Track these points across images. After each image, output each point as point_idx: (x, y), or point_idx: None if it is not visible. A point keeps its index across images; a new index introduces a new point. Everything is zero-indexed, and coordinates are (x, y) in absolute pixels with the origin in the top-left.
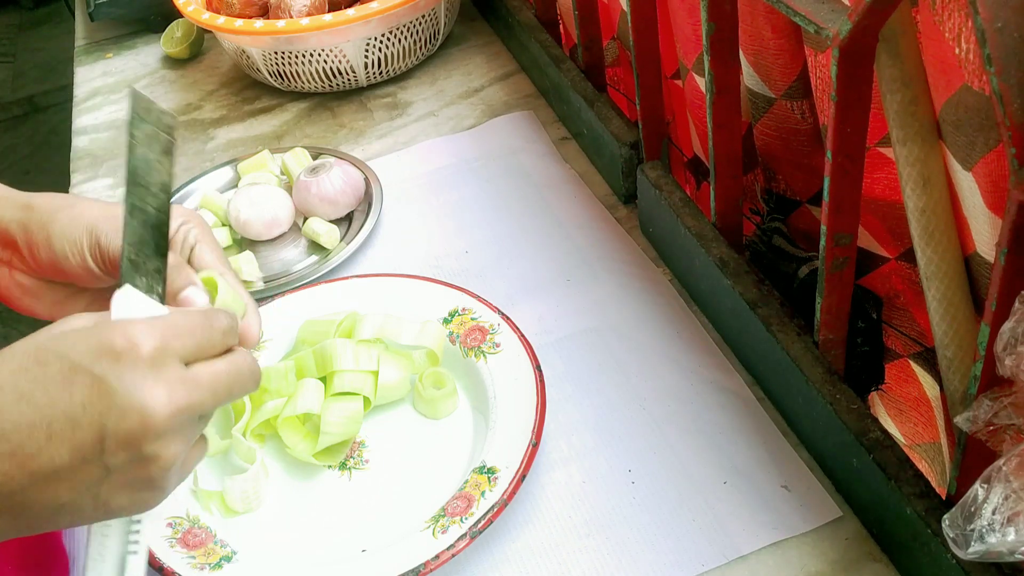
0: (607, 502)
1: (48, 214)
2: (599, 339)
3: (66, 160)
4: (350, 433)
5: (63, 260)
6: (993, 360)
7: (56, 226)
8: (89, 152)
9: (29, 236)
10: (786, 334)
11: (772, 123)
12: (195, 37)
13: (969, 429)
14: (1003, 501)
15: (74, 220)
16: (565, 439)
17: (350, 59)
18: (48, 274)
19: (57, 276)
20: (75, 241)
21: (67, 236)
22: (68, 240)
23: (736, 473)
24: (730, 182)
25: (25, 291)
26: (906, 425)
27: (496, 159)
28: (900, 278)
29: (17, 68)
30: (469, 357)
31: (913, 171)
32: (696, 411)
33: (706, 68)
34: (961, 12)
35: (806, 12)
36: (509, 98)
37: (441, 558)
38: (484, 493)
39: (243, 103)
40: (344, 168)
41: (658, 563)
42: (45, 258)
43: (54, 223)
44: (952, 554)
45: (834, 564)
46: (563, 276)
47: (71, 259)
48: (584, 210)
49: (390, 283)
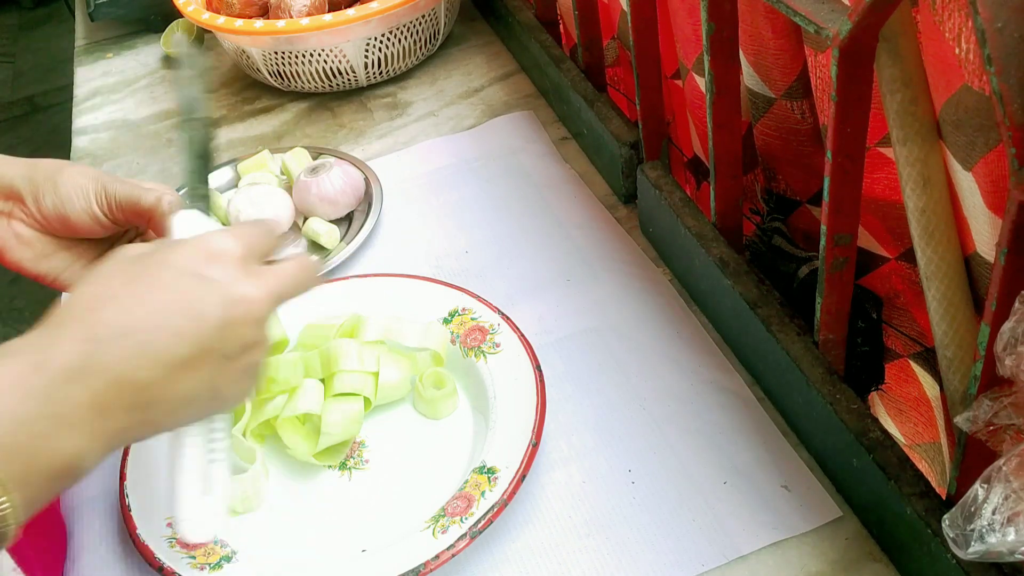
0: (607, 502)
1: (55, 168)
2: (599, 339)
3: (66, 160)
4: (350, 433)
5: (68, 204)
6: (993, 360)
7: (63, 175)
8: (89, 152)
9: (35, 187)
10: (786, 334)
11: (772, 123)
12: (195, 37)
13: (969, 429)
14: (1003, 501)
15: (80, 172)
16: (565, 439)
17: (350, 59)
18: (51, 224)
19: (60, 226)
20: (82, 187)
21: (74, 183)
22: (75, 186)
23: (736, 473)
24: (730, 182)
25: (20, 241)
26: (906, 425)
27: (496, 159)
28: (900, 278)
29: (17, 68)
30: (469, 357)
31: (913, 171)
32: (696, 411)
33: (706, 68)
34: (961, 12)
35: (806, 12)
36: (509, 98)
37: (441, 558)
38: (484, 493)
39: (243, 103)
40: (344, 168)
41: (658, 563)
42: (50, 205)
43: (61, 174)
44: (952, 554)
45: (834, 564)
46: (563, 276)
47: (77, 203)
48: (584, 210)
49: (390, 283)
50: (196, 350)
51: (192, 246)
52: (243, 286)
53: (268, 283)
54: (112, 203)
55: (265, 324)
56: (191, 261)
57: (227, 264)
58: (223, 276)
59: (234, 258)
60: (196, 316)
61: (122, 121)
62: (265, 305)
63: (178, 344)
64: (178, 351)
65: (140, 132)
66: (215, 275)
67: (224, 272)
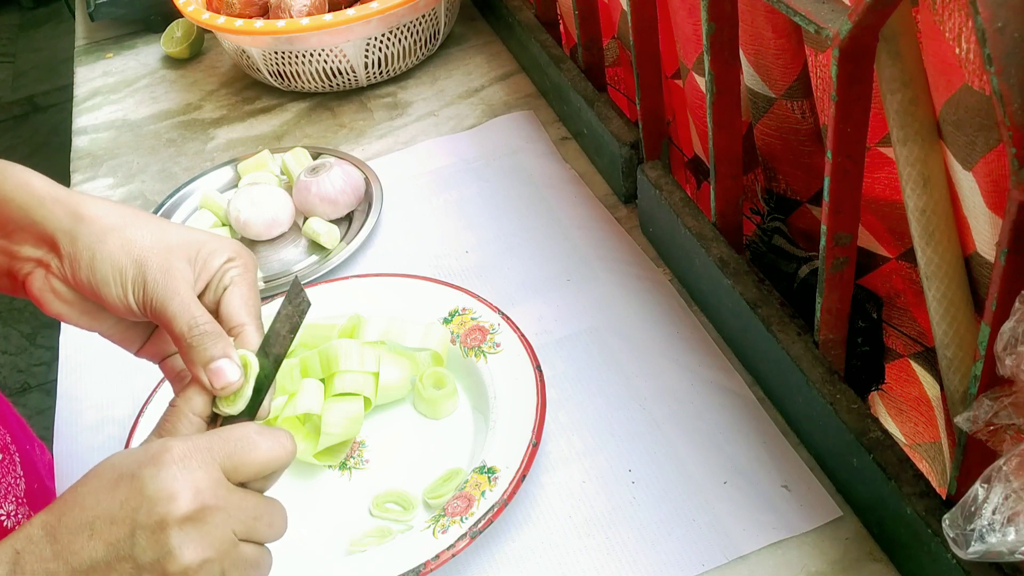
0: (607, 502)
1: (99, 233)
2: (599, 339)
3: (66, 160)
4: (350, 433)
5: (103, 286)
6: (993, 360)
7: (104, 248)
8: (89, 152)
9: (74, 250)
10: (786, 334)
11: (772, 123)
12: (195, 37)
13: (969, 429)
14: (1003, 501)
15: (124, 247)
16: (565, 439)
17: (350, 59)
18: (83, 293)
19: (91, 298)
20: (120, 271)
21: (113, 262)
22: (113, 267)
23: (736, 473)
24: (730, 182)
25: (58, 296)
26: (906, 425)
27: (496, 159)
28: (900, 278)
29: (17, 68)
30: (469, 357)
31: (913, 171)
32: (696, 411)
33: (706, 68)
34: (961, 12)
35: (806, 12)
36: (509, 98)
37: (441, 558)
38: (484, 493)
39: (243, 103)
40: (344, 168)
41: (658, 563)
42: (84, 279)
43: (103, 244)
44: (952, 554)
45: (834, 564)
46: (563, 276)
47: (111, 288)
48: (584, 210)
49: (390, 283)
50: (105, 554)
51: (143, 448)
52: (168, 484)
53: (205, 493)
54: (148, 303)
55: (196, 537)
56: (132, 463)
57: (162, 463)
58: (152, 476)
59: (172, 458)
60: (111, 519)
61: (122, 121)
62: (191, 513)
63: (89, 547)
64: (89, 555)
65: (140, 132)
66: (144, 475)
67: (156, 472)
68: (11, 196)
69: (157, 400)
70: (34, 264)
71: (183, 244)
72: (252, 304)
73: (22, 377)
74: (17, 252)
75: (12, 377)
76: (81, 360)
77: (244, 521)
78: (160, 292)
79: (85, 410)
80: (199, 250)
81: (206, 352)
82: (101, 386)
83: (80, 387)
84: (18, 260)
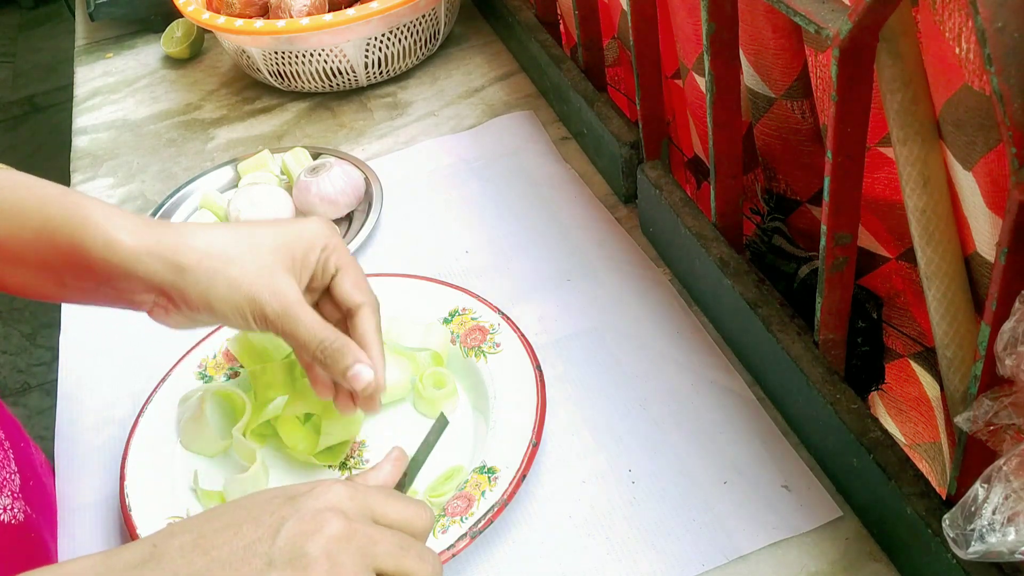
0: (607, 502)
1: (205, 282)
2: (599, 339)
3: (66, 160)
4: (350, 433)
5: (226, 321)
6: (993, 360)
7: (215, 294)
8: (89, 152)
9: (186, 299)
10: (786, 334)
11: (772, 123)
12: (195, 37)
13: (969, 429)
14: (1003, 501)
15: (232, 287)
16: (565, 439)
17: (350, 59)
18: (208, 323)
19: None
20: (238, 309)
21: (229, 302)
22: (230, 307)
23: (736, 473)
24: (730, 182)
25: (185, 320)
26: (906, 425)
27: (496, 159)
28: (900, 278)
29: (17, 68)
30: (469, 357)
31: (913, 171)
32: (696, 411)
33: (706, 68)
34: (961, 12)
35: (806, 12)
36: (509, 98)
37: (441, 558)
38: (484, 493)
39: (243, 103)
40: (344, 168)
41: (658, 563)
42: (205, 319)
43: (213, 289)
44: (952, 554)
45: (834, 564)
46: (563, 276)
47: (235, 321)
48: (584, 210)
49: (390, 283)
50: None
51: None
52: (324, 499)
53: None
54: (274, 330)
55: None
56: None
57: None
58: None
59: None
60: (257, 520)
61: (122, 121)
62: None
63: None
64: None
65: (140, 132)
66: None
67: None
68: (103, 256)
69: (157, 400)
70: (151, 303)
71: (278, 253)
72: (361, 283)
73: (22, 377)
74: (131, 297)
75: (12, 377)
76: (81, 360)
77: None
78: (283, 322)
79: (85, 410)
80: (293, 255)
81: (340, 364)
82: (101, 386)
83: (80, 387)
84: (134, 303)
